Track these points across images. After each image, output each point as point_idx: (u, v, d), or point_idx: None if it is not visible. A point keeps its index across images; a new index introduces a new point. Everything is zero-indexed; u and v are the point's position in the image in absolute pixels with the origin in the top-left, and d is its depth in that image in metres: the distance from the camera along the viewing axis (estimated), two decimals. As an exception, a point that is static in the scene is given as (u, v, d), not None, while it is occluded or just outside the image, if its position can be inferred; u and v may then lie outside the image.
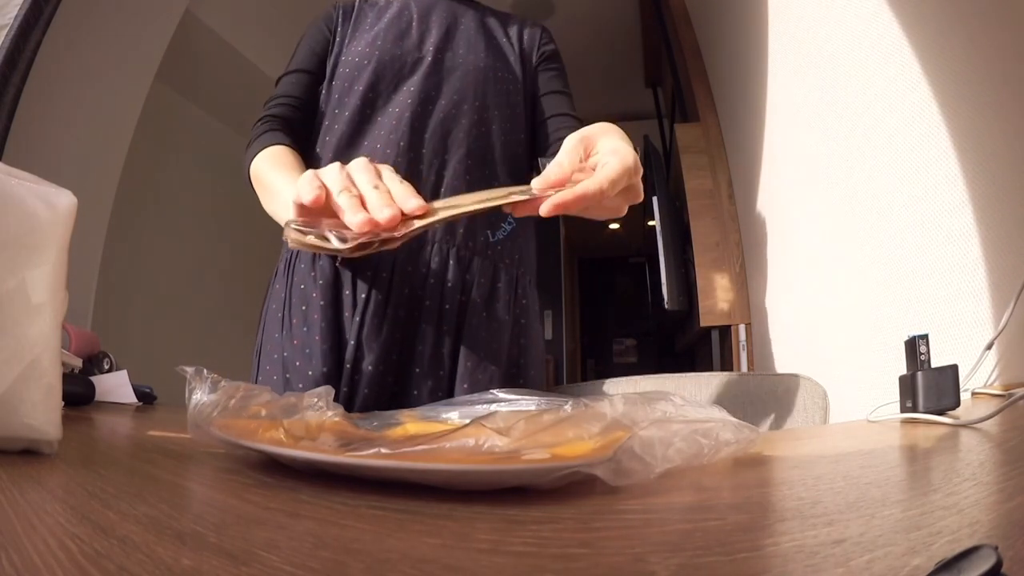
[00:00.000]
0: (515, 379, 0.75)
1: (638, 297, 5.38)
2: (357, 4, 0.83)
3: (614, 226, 5.27)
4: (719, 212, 1.77)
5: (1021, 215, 0.59)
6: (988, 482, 0.28)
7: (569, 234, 4.36)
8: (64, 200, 0.32)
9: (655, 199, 1.98)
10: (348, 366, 0.68)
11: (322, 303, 0.70)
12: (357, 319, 0.69)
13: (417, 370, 0.70)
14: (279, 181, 0.66)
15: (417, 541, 0.19)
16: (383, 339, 0.69)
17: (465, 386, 0.70)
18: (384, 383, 0.69)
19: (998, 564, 0.13)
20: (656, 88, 3.24)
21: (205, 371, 0.35)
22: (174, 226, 2.57)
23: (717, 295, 1.71)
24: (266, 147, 0.72)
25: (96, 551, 0.17)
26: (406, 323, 0.70)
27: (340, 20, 0.82)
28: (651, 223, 2.07)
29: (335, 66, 0.78)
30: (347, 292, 0.70)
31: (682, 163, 1.86)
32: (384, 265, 0.70)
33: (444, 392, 0.70)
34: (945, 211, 0.70)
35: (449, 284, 0.71)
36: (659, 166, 2.17)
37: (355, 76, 0.76)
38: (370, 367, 0.68)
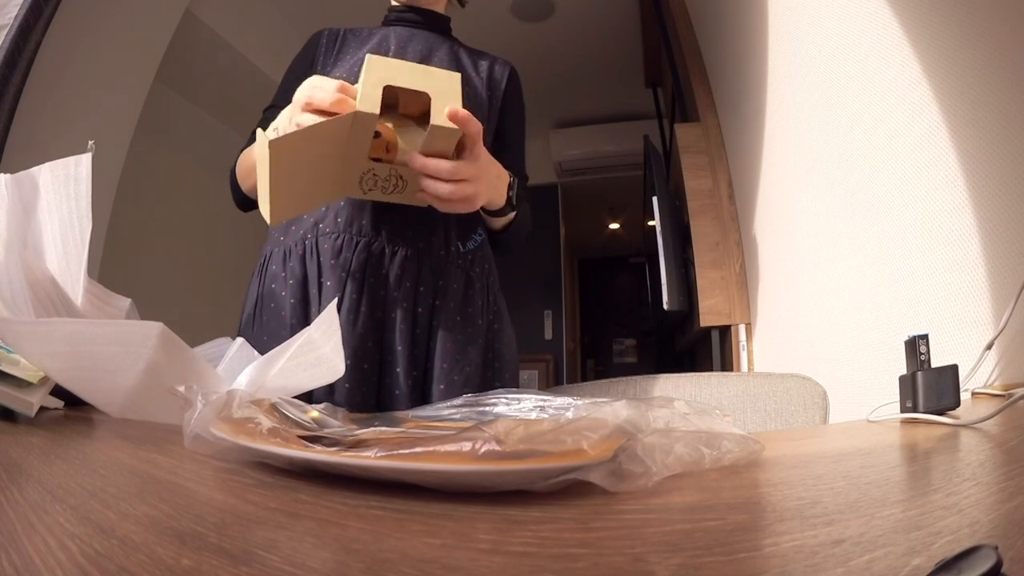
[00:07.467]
0: (490, 381, 0.79)
1: (638, 297, 5.38)
2: (342, 33, 0.88)
3: (614, 226, 5.28)
4: (719, 212, 1.77)
5: (1021, 215, 0.59)
6: (988, 482, 0.28)
7: (569, 234, 4.35)
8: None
9: (655, 199, 1.98)
10: None
11: (292, 300, 0.73)
12: None
13: (398, 369, 0.73)
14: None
15: (417, 541, 0.19)
16: (360, 337, 0.72)
17: (441, 387, 0.74)
18: (368, 380, 0.72)
19: (998, 564, 0.13)
20: (656, 88, 3.23)
21: (195, 387, 0.35)
22: (174, 226, 2.57)
23: (717, 295, 1.71)
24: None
25: (96, 551, 0.17)
26: (383, 324, 0.74)
27: (325, 47, 0.86)
28: (651, 223, 2.07)
29: None
30: (314, 291, 0.74)
31: (682, 163, 1.86)
32: (358, 267, 0.73)
33: (421, 391, 0.74)
34: (945, 211, 0.70)
35: (421, 289, 0.75)
36: (659, 166, 2.17)
37: None
38: (349, 361, 0.71)
